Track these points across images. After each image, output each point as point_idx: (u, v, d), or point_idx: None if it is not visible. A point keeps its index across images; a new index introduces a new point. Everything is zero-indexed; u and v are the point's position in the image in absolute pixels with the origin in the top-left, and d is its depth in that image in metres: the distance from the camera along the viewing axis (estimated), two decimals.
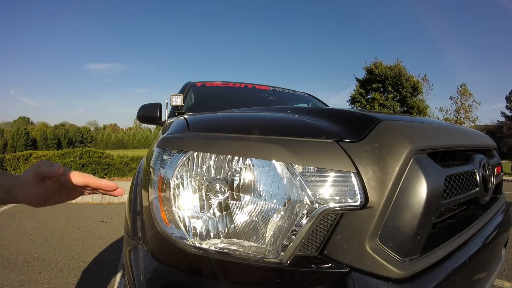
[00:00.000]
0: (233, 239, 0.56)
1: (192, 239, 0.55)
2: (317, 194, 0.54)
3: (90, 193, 0.60)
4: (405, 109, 21.09)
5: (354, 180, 0.54)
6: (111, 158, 6.88)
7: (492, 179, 0.91)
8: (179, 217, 0.57)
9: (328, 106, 2.25)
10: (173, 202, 0.57)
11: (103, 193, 0.58)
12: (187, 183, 0.58)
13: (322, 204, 0.53)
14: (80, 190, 0.58)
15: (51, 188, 0.52)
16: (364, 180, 0.54)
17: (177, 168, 0.58)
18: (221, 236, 0.56)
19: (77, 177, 0.51)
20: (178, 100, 1.56)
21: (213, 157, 0.57)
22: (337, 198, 0.54)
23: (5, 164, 7.07)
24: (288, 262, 0.53)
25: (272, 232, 0.55)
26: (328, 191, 0.54)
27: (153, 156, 0.68)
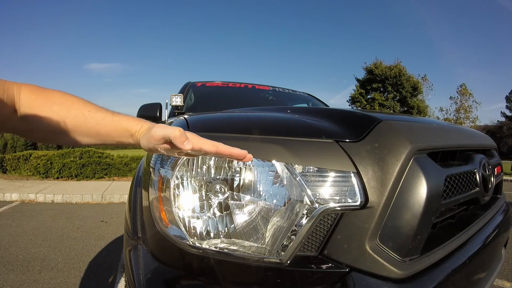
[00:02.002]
0: (233, 239, 0.55)
1: (192, 239, 0.55)
2: (317, 194, 0.54)
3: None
4: (405, 109, 21.08)
5: (354, 180, 0.54)
6: (111, 158, 6.88)
7: (492, 179, 0.91)
8: (179, 217, 0.57)
9: (328, 106, 2.25)
10: (173, 202, 0.57)
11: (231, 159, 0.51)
12: (187, 183, 0.58)
13: (322, 204, 0.53)
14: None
15: (173, 148, 0.47)
16: (364, 180, 0.54)
17: (177, 168, 0.58)
18: (221, 236, 0.56)
19: (209, 147, 0.46)
20: (178, 100, 1.56)
21: (213, 157, 0.57)
22: (337, 198, 0.54)
23: (5, 164, 7.06)
24: (288, 262, 0.53)
25: (272, 232, 0.55)
26: (328, 191, 0.54)
27: (153, 156, 0.68)
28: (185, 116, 0.87)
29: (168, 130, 0.45)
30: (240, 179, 0.56)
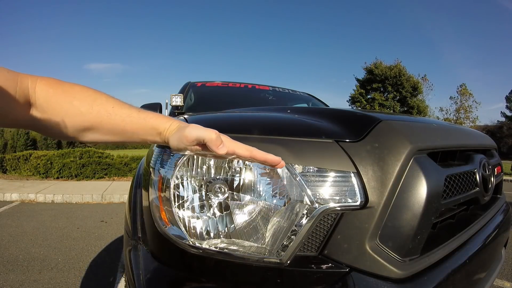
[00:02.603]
0: (233, 239, 0.55)
1: (192, 239, 0.55)
2: (317, 194, 0.54)
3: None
4: (405, 109, 21.08)
5: (354, 180, 0.54)
6: (111, 158, 6.88)
7: (492, 179, 0.91)
8: (179, 217, 0.57)
9: (328, 106, 2.25)
10: (173, 202, 0.57)
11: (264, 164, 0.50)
12: (187, 183, 0.58)
13: (322, 204, 0.53)
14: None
15: (206, 149, 0.46)
16: (364, 180, 0.54)
17: (177, 168, 0.58)
18: (221, 236, 0.56)
19: (243, 151, 0.45)
20: (178, 100, 1.56)
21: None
22: (337, 198, 0.54)
23: (5, 164, 7.06)
24: (288, 262, 0.53)
25: (272, 232, 0.55)
26: (328, 191, 0.54)
27: (153, 156, 0.68)
28: (185, 116, 0.86)
29: (203, 132, 0.43)
30: (240, 179, 0.56)
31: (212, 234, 0.56)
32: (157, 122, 0.48)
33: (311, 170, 0.55)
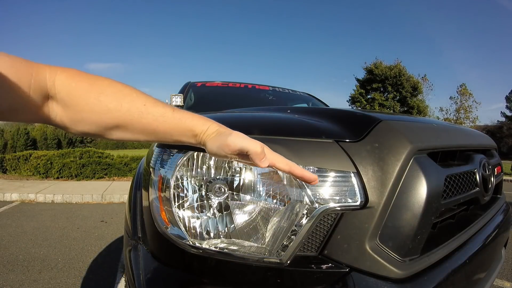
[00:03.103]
0: (233, 239, 0.55)
1: (192, 239, 0.55)
2: (317, 194, 0.54)
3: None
4: (405, 109, 21.08)
5: (354, 180, 0.54)
6: (111, 158, 6.88)
7: (492, 179, 0.91)
8: (179, 217, 0.57)
9: (328, 106, 2.25)
10: (173, 202, 0.57)
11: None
12: (187, 183, 0.58)
13: (322, 204, 0.53)
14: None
15: (246, 159, 0.45)
16: (364, 180, 0.54)
17: (177, 168, 0.58)
18: (221, 236, 0.56)
19: (283, 165, 0.45)
20: (178, 100, 1.56)
21: (213, 157, 0.57)
22: (337, 198, 0.54)
23: (5, 164, 7.06)
24: (288, 262, 0.53)
25: (272, 232, 0.55)
26: (328, 191, 0.54)
27: (153, 156, 0.68)
28: None
29: (248, 143, 0.42)
30: (240, 179, 0.56)
31: (212, 234, 0.56)
32: (193, 123, 0.45)
33: (311, 170, 0.55)
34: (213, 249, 0.55)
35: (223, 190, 0.57)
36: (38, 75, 0.37)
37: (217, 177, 0.57)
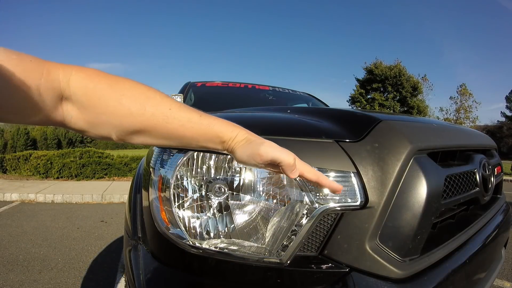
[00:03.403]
0: (233, 239, 0.55)
1: (192, 239, 0.55)
2: (317, 194, 0.54)
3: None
4: (405, 109, 21.09)
5: (354, 180, 0.54)
6: (111, 158, 6.88)
7: (492, 179, 0.91)
8: (179, 217, 0.57)
9: (328, 106, 2.25)
10: (173, 202, 0.57)
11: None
12: (187, 183, 0.58)
13: (322, 204, 0.53)
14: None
15: (276, 168, 0.45)
16: (364, 180, 0.54)
17: (177, 168, 0.58)
18: (221, 236, 0.56)
19: (311, 175, 0.45)
20: (178, 100, 1.56)
21: (213, 157, 0.57)
22: (337, 198, 0.54)
23: (5, 164, 7.06)
24: (288, 262, 0.53)
25: (272, 232, 0.55)
26: (328, 191, 0.54)
27: (153, 156, 0.68)
28: None
29: (281, 154, 0.41)
30: (240, 179, 0.56)
31: (212, 234, 0.56)
32: (221, 130, 0.43)
33: None
34: (213, 249, 0.55)
35: (223, 190, 0.57)
36: (50, 75, 0.34)
37: (217, 177, 0.57)
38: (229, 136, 0.44)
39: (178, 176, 0.58)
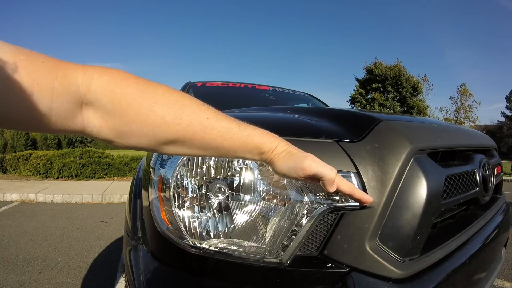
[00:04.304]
0: (233, 239, 0.55)
1: (192, 239, 0.55)
2: (317, 194, 0.54)
3: None
4: (405, 109, 21.09)
5: (354, 180, 0.54)
6: (111, 158, 6.88)
7: (492, 179, 0.91)
8: (179, 217, 0.57)
9: (328, 106, 2.25)
10: (173, 202, 0.57)
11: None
12: (187, 183, 0.58)
13: (322, 204, 0.53)
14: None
15: (314, 181, 0.46)
16: (364, 180, 0.54)
17: (177, 168, 0.58)
18: (221, 236, 0.56)
19: (346, 187, 0.46)
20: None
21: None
22: (337, 198, 0.54)
23: (5, 164, 7.06)
24: (288, 262, 0.53)
25: (272, 232, 0.55)
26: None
27: (153, 156, 0.68)
28: None
29: (324, 169, 0.42)
30: (240, 179, 0.56)
31: (212, 234, 0.56)
32: (262, 141, 0.42)
33: None
34: (213, 249, 0.55)
35: (223, 190, 0.57)
36: (66, 78, 0.31)
37: (217, 177, 0.57)
38: (269, 147, 0.43)
39: (178, 176, 0.58)
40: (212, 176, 0.57)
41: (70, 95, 0.31)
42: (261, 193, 0.56)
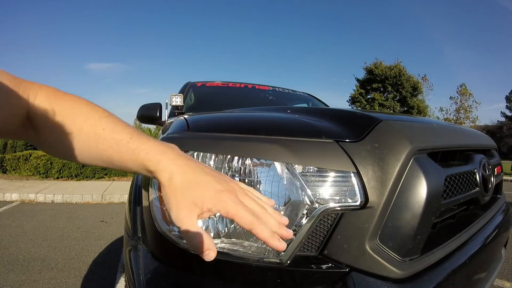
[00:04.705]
0: (233, 239, 0.55)
1: None
2: (317, 194, 0.54)
3: None
4: (405, 109, 21.07)
5: (354, 180, 0.54)
6: None
7: (492, 179, 0.91)
8: None
9: (328, 106, 2.25)
10: None
11: None
12: None
13: (322, 204, 0.53)
14: None
15: None
16: (364, 180, 0.54)
17: None
18: (221, 236, 0.56)
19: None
20: (178, 100, 1.56)
21: (213, 157, 0.57)
22: (337, 198, 0.54)
23: (5, 164, 7.06)
24: (288, 262, 0.53)
25: None
26: (328, 191, 0.54)
27: None
28: (185, 116, 0.86)
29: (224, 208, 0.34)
30: (239, 179, 0.56)
31: (212, 234, 0.56)
32: (147, 157, 0.36)
33: (311, 170, 0.55)
34: None
35: None
36: (25, 92, 0.35)
37: None
38: (155, 167, 0.36)
39: None
40: None
41: (24, 110, 0.35)
42: (261, 193, 0.56)
